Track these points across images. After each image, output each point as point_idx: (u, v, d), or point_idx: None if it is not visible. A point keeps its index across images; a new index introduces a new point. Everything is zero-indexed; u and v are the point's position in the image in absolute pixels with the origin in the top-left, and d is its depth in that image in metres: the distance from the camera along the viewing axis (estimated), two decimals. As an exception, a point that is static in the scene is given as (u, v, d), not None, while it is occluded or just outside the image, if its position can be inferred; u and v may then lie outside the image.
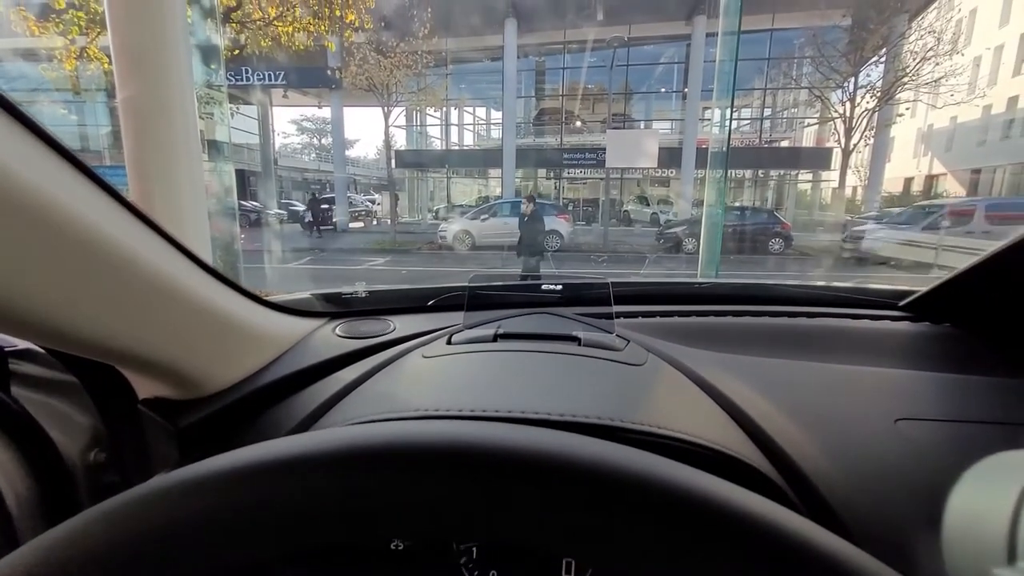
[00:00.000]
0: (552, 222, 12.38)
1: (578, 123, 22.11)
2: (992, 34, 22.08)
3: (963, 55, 16.29)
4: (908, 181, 26.73)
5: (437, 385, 0.61)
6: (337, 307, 0.87)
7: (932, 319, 0.80)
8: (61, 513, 0.51)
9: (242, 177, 20.30)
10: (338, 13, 6.11)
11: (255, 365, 0.63)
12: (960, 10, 18.55)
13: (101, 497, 0.25)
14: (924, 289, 0.80)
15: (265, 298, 0.71)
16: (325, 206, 17.50)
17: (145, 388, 0.58)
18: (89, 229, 0.38)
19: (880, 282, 0.96)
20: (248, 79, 16.49)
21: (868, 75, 16.13)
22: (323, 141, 38.10)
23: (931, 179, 25.18)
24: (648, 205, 21.56)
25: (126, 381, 0.57)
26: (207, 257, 0.55)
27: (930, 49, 14.77)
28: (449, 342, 0.72)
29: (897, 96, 15.64)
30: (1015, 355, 0.69)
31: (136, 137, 1.23)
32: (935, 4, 16.10)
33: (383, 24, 12.67)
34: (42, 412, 0.54)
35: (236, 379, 0.60)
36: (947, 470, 0.49)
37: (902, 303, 0.84)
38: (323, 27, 6.09)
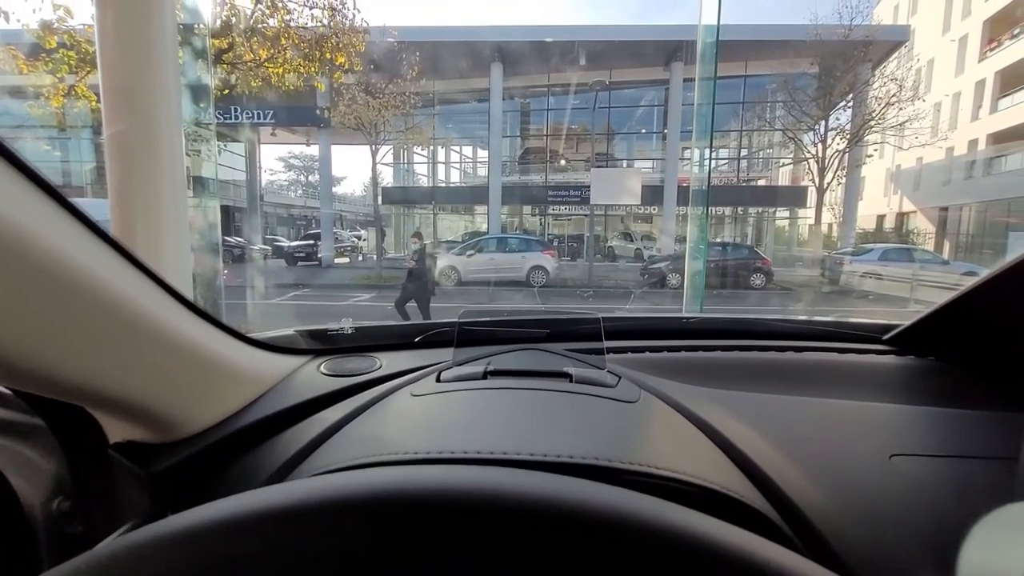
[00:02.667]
0: (538, 258, 12.51)
1: (562, 162, 22.66)
2: (950, 82, 23.50)
3: (924, 101, 17.24)
4: (880, 218, 27.71)
5: (426, 425, 0.59)
6: (322, 344, 0.84)
7: (916, 352, 0.81)
8: (20, 567, 0.48)
9: (227, 213, 20.25)
10: (328, 56, 6.26)
11: (234, 406, 0.61)
12: (919, 59, 19.74)
13: (63, 549, 0.25)
14: (906, 323, 0.81)
15: (247, 335, 0.69)
16: (309, 242, 17.46)
17: (116, 431, 0.54)
18: (58, 260, 0.36)
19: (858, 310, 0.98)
20: (237, 117, 16.69)
21: (837, 118, 16.98)
22: (310, 178, 38.36)
23: (902, 216, 26.14)
24: (632, 241, 21.92)
25: (96, 423, 0.53)
26: (187, 292, 0.54)
27: (893, 95, 15.64)
28: (438, 379, 0.71)
29: (866, 138, 16.41)
30: (997, 387, 0.70)
31: (121, 173, 1.22)
32: (895, 54, 17.17)
33: (372, 66, 13.02)
34: (3, 457, 0.51)
35: (214, 420, 0.57)
36: (943, 506, 0.49)
37: (886, 337, 0.85)
38: (313, 69, 6.23)
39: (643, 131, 23.41)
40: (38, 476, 0.53)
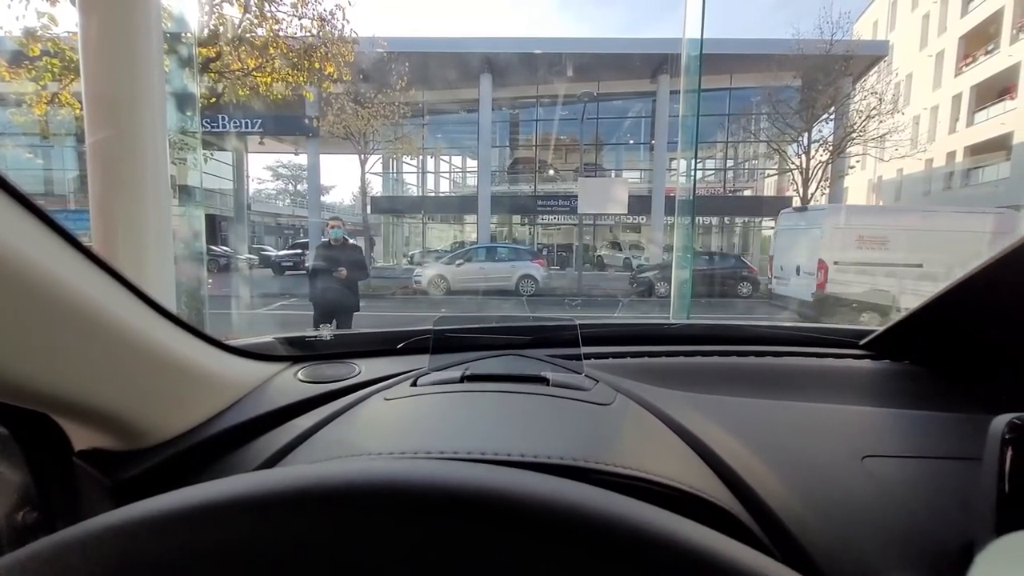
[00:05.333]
0: (527, 267, 12.54)
1: (551, 172, 22.82)
2: (928, 96, 24.13)
3: (903, 114, 17.67)
4: (863, 228, 28.27)
5: (399, 427, 0.58)
6: (300, 351, 0.84)
7: (892, 357, 0.83)
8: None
9: (213, 222, 20.05)
10: (317, 66, 6.27)
11: (207, 412, 0.59)
12: (898, 74, 20.26)
13: None
14: (882, 328, 0.83)
15: (223, 342, 0.68)
16: (297, 251, 17.32)
17: (82, 438, 0.52)
18: (22, 263, 0.35)
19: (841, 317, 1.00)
20: (224, 126, 16.60)
21: (820, 131, 17.32)
22: (298, 187, 38.16)
23: (884, 226, 26.68)
24: (620, 250, 22.08)
25: (61, 431, 0.52)
26: (171, 301, 0.53)
27: (874, 108, 16.02)
28: (414, 384, 0.71)
29: (848, 150, 16.77)
30: (966, 389, 0.72)
31: (103, 181, 1.22)
32: (875, 68, 17.61)
33: (361, 76, 13.06)
34: None
35: (185, 428, 0.56)
36: (913, 507, 0.50)
37: (863, 342, 0.87)
38: (302, 78, 6.22)
39: (631, 142, 23.69)
40: (2, 486, 0.51)
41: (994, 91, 20.41)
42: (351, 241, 4.68)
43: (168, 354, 0.52)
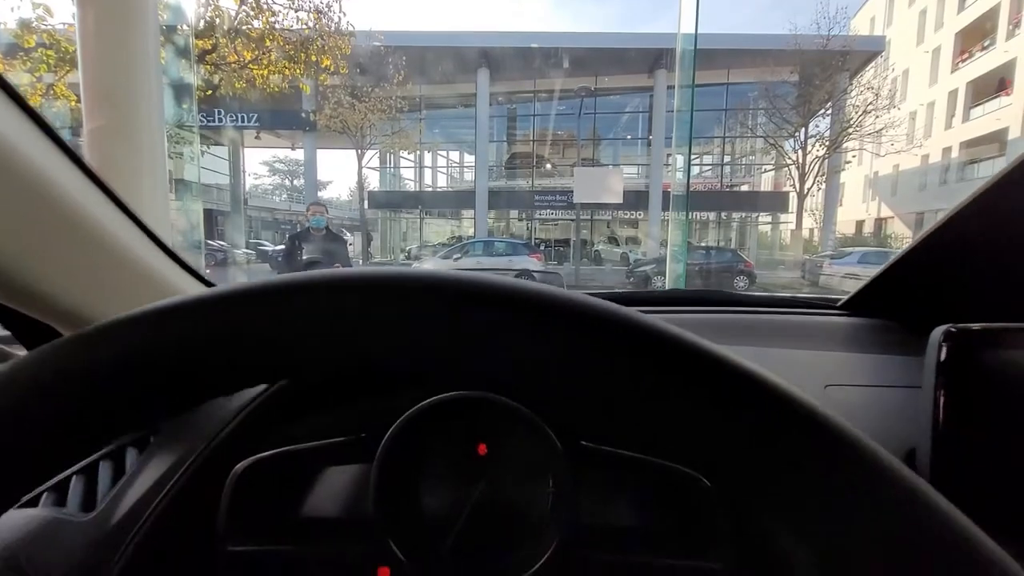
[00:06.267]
0: (524, 261, 12.57)
1: (548, 166, 22.80)
2: (924, 91, 24.19)
3: (899, 109, 17.76)
4: (860, 223, 28.33)
5: None
6: None
7: (866, 315, 0.88)
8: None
9: (210, 217, 19.97)
10: (314, 58, 6.26)
11: None
12: (894, 69, 20.30)
13: None
14: (855, 290, 0.89)
15: (204, 276, 0.69)
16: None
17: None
18: (34, 172, 0.39)
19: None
20: (221, 120, 16.52)
21: (817, 126, 17.38)
22: (295, 182, 38.06)
23: (880, 221, 26.77)
24: (618, 245, 22.11)
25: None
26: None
27: (870, 103, 16.07)
28: None
29: (844, 145, 16.83)
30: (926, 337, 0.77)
31: (100, 172, 1.22)
32: (872, 64, 17.64)
33: (358, 70, 13.01)
34: None
35: None
36: (867, 427, 0.54)
37: (839, 303, 0.92)
38: (298, 71, 6.21)
39: (628, 137, 23.69)
40: None
41: (989, 87, 20.48)
42: (336, 232, 4.31)
43: (145, 268, 0.54)
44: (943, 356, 0.49)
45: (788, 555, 0.44)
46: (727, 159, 23.16)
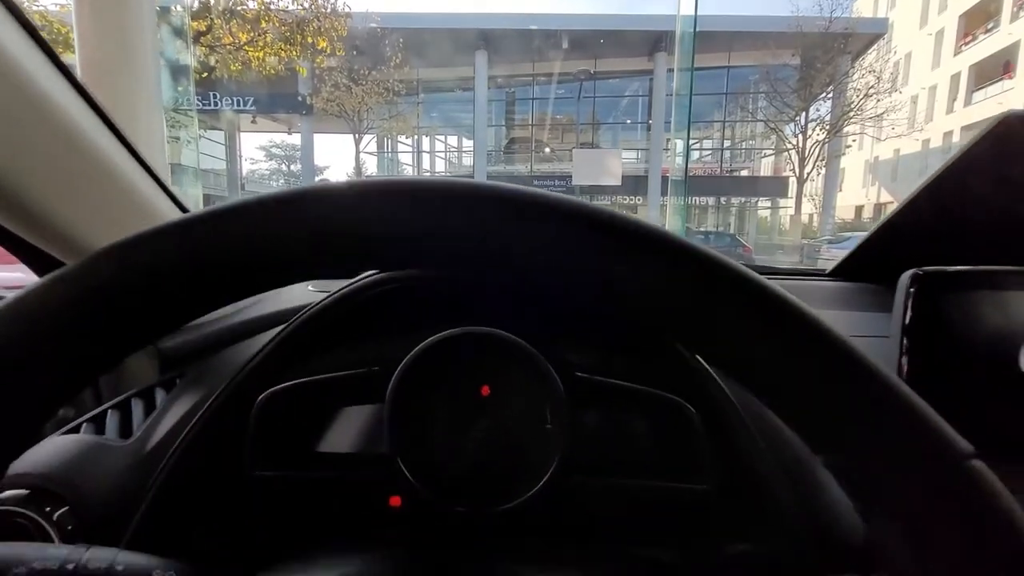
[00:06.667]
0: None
1: (547, 151, 22.64)
2: (926, 75, 23.94)
3: (901, 93, 17.60)
4: (859, 208, 28.26)
5: None
6: None
7: (853, 280, 0.92)
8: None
9: (208, 202, 19.85)
10: (310, 40, 6.19)
11: None
12: (896, 52, 20.06)
13: None
14: (842, 257, 0.93)
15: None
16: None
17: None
18: (22, 75, 0.41)
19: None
20: (217, 104, 16.34)
21: (818, 110, 17.25)
22: (292, 167, 37.73)
23: (879, 207, 26.69)
24: (617, 231, 22.02)
25: None
26: None
27: (871, 87, 15.93)
28: None
29: (845, 129, 16.71)
30: None
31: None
32: (874, 47, 17.45)
33: (355, 52, 12.85)
34: None
35: None
36: None
37: (828, 270, 0.96)
38: (294, 52, 6.15)
39: (628, 121, 23.48)
40: None
41: (993, 70, 20.27)
42: None
43: (142, 198, 0.57)
44: (911, 297, 0.53)
45: (767, 476, 0.49)
46: (727, 143, 23.00)
